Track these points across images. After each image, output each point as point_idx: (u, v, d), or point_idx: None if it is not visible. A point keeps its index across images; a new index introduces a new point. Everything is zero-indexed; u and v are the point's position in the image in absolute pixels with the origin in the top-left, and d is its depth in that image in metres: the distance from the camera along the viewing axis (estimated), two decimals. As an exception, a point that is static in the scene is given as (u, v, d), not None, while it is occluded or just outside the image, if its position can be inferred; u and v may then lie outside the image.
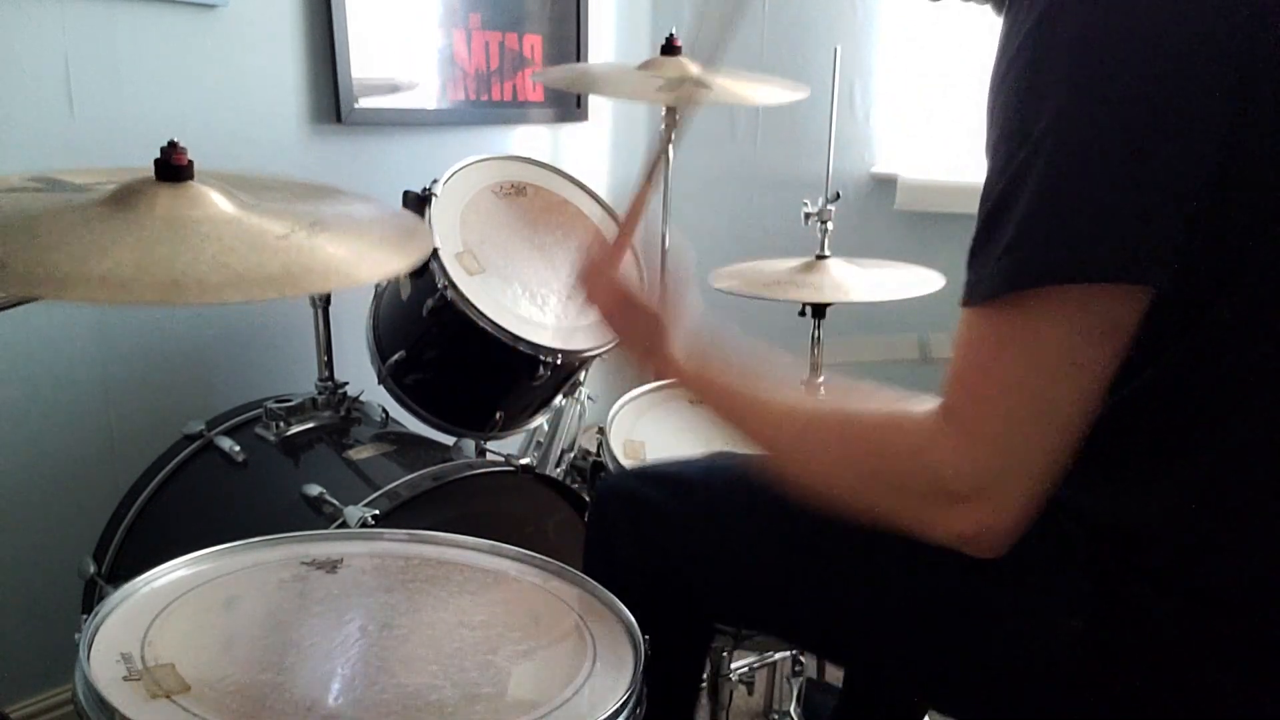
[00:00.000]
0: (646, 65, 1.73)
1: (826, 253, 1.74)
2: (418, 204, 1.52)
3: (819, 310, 1.76)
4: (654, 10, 2.53)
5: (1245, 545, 0.71)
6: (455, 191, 1.58)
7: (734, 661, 1.44)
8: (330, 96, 1.83)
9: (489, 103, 2.13)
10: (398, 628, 0.89)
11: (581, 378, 1.71)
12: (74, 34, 1.50)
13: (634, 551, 1.02)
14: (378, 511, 1.24)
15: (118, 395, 1.64)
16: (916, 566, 0.82)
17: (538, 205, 1.69)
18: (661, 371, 0.95)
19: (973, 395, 0.70)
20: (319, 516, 1.27)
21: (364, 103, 1.88)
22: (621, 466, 1.34)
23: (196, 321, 1.73)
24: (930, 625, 0.86)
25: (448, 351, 1.59)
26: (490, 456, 1.70)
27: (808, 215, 1.76)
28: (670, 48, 1.74)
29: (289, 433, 1.48)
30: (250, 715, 0.74)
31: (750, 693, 1.65)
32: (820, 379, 1.77)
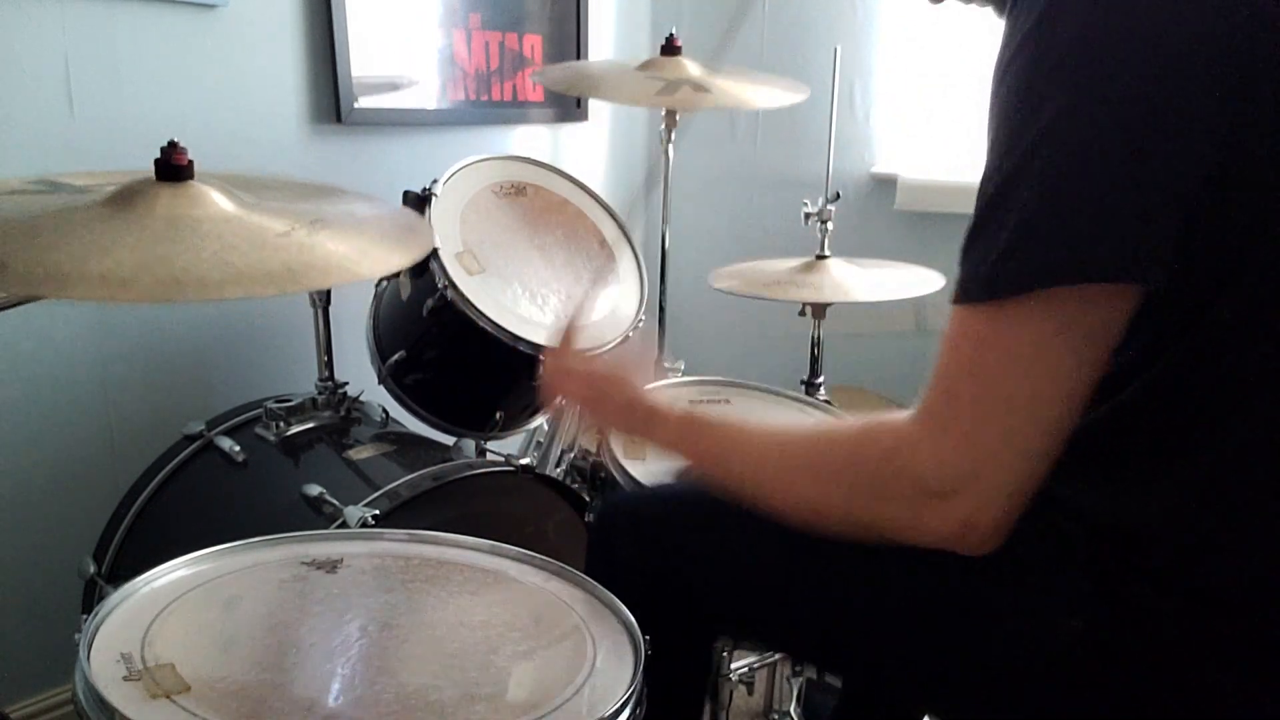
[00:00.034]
0: (646, 65, 1.73)
1: (826, 253, 1.74)
2: (418, 204, 1.52)
3: (819, 310, 1.76)
4: (654, 10, 2.53)
5: (1245, 545, 0.71)
6: (455, 191, 1.58)
7: (734, 661, 1.44)
8: (330, 96, 1.83)
9: (489, 103, 2.13)
10: (398, 628, 0.89)
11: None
12: (74, 34, 1.50)
13: (634, 552, 1.02)
14: (378, 511, 1.24)
15: (118, 395, 1.64)
16: (916, 566, 0.82)
17: (538, 205, 1.69)
18: (647, 422, 0.95)
19: (950, 393, 0.71)
20: (319, 516, 1.27)
21: (364, 102, 1.88)
22: (623, 467, 1.34)
23: (197, 321, 1.73)
24: (930, 626, 0.86)
25: (448, 351, 1.59)
26: (490, 456, 1.70)
27: (808, 215, 1.77)
28: (670, 48, 1.74)
29: (289, 433, 1.47)
30: (250, 715, 0.74)
31: (750, 693, 1.65)
32: (820, 379, 1.77)
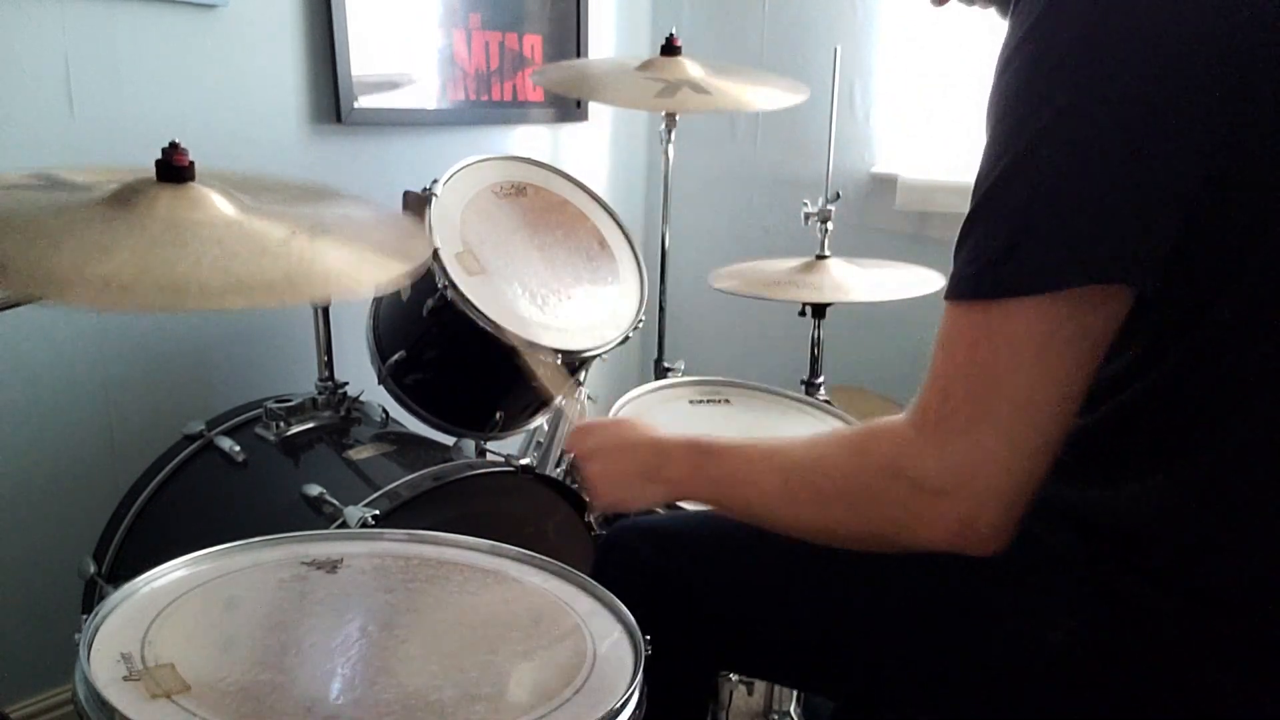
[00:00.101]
0: (646, 65, 1.73)
1: (826, 253, 1.74)
2: (418, 204, 1.52)
3: (819, 310, 1.76)
4: (654, 10, 2.53)
5: (1245, 545, 0.71)
6: (455, 191, 1.58)
7: (734, 661, 1.44)
8: (330, 96, 1.83)
9: (489, 103, 2.13)
10: (398, 628, 0.89)
11: (581, 378, 1.71)
12: (74, 34, 1.50)
13: (637, 554, 1.03)
14: (378, 511, 1.24)
15: (118, 395, 1.64)
16: (916, 567, 0.82)
17: (538, 205, 1.69)
18: (659, 455, 0.94)
19: (946, 393, 0.70)
20: (319, 516, 1.27)
21: (364, 102, 1.88)
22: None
23: (197, 321, 1.73)
24: (930, 626, 0.86)
25: (448, 351, 1.59)
26: (490, 456, 1.70)
27: (808, 215, 1.77)
28: (670, 48, 1.74)
29: (289, 433, 1.47)
30: (250, 715, 0.74)
31: (750, 693, 1.65)
32: (820, 379, 1.78)
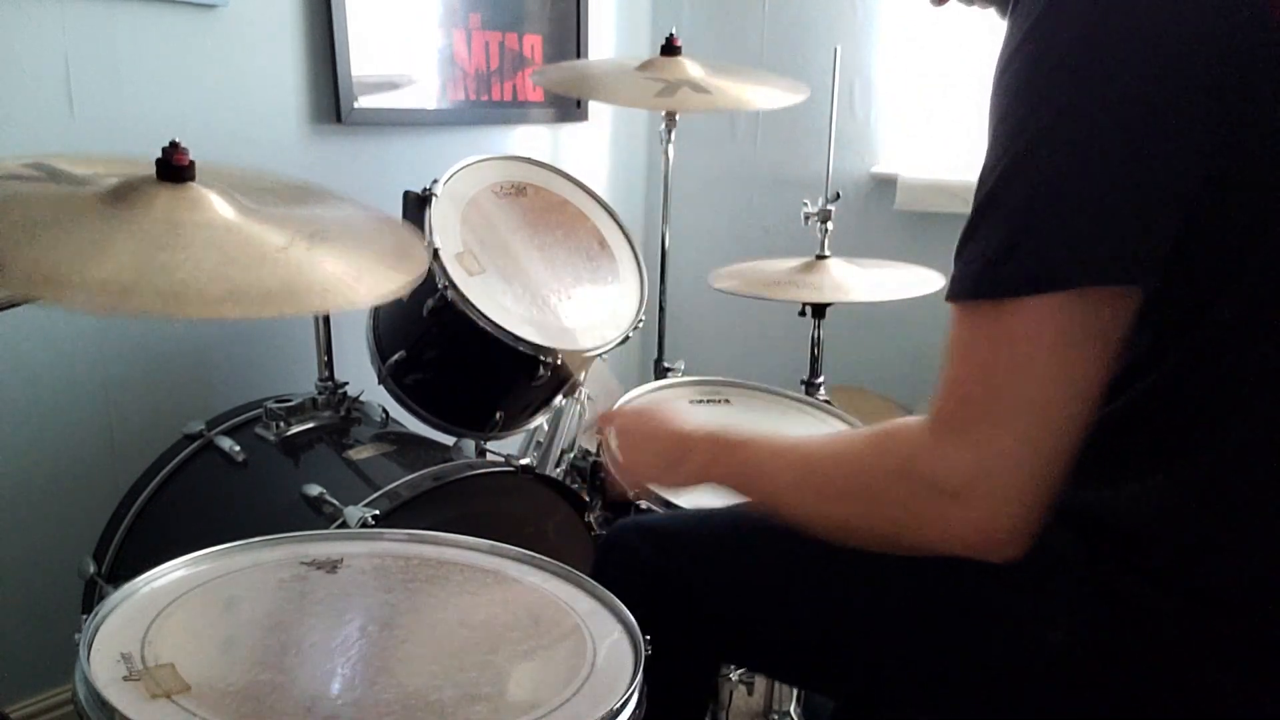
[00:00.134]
0: (646, 65, 1.73)
1: (826, 253, 1.74)
2: (418, 204, 1.52)
3: (819, 310, 1.76)
4: (654, 10, 2.53)
5: (1245, 545, 0.71)
6: (455, 191, 1.58)
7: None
8: (330, 96, 1.83)
9: (489, 103, 2.13)
10: (398, 628, 0.89)
11: (581, 378, 1.71)
12: (74, 34, 1.50)
13: (638, 554, 1.02)
14: (378, 511, 1.24)
15: (118, 395, 1.64)
16: (917, 567, 0.82)
17: (538, 205, 1.69)
18: (682, 446, 0.95)
19: (962, 396, 0.70)
20: (319, 516, 1.27)
21: (364, 102, 1.88)
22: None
23: (197, 321, 1.73)
24: (930, 627, 0.86)
25: (448, 351, 1.59)
26: (490, 457, 1.70)
27: (808, 215, 1.77)
28: (670, 48, 1.74)
29: (289, 433, 1.47)
30: (250, 715, 0.74)
31: (750, 693, 1.65)
32: (820, 379, 1.78)
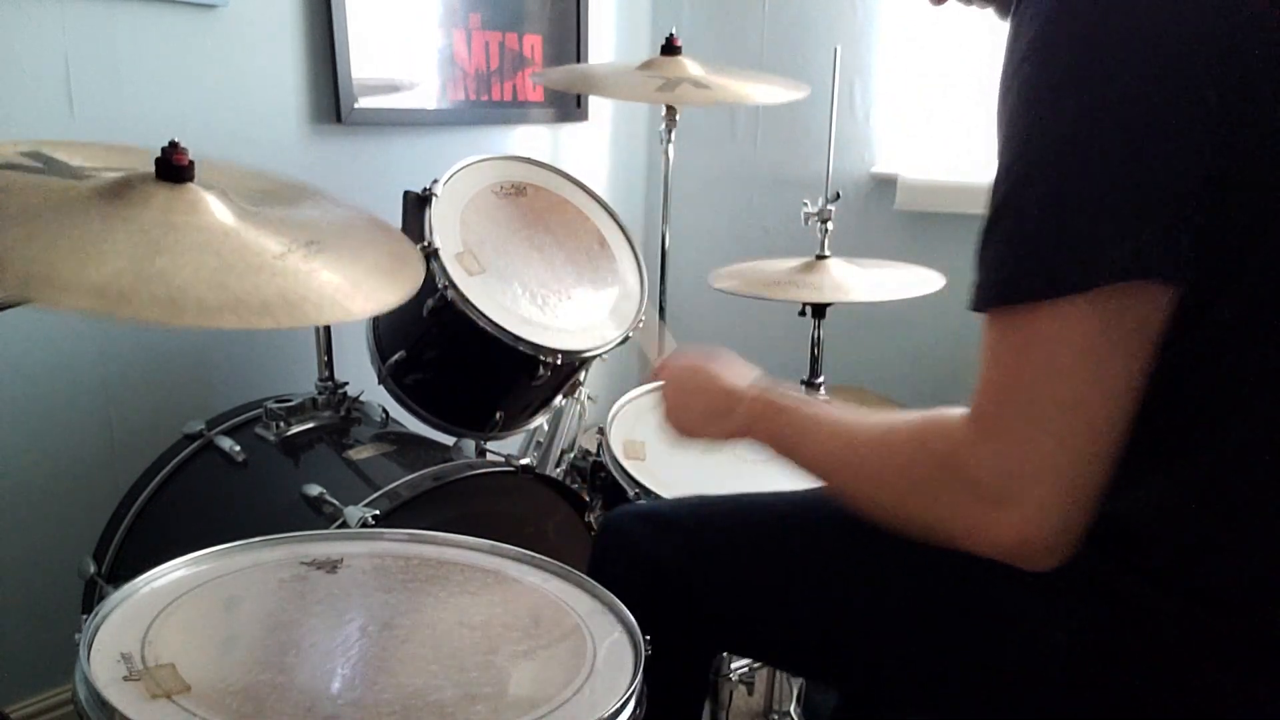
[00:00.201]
0: (646, 65, 1.73)
1: (826, 253, 1.74)
2: (418, 204, 1.52)
3: (819, 310, 1.76)
4: (654, 10, 2.53)
5: (1245, 545, 0.71)
6: (455, 191, 1.58)
7: (734, 661, 1.44)
8: (330, 96, 1.83)
9: (489, 103, 2.13)
10: (398, 628, 0.89)
11: (581, 378, 1.71)
12: (74, 34, 1.50)
13: (637, 553, 1.02)
14: (378, 511, 1.24)
15: (118, 395, 1.64)
16: (917, 566, 0.82)
17: (538, 205, 1.68)
18: (731, 400, 0.95)
19: (999, 400, 0.69)
20: (319, 516, 1.27)
21: (364, 103, 1.88)
22: (623, 468, 1.34)
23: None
24: (930, 626, 0.86)
25: (448, 352, 1.59)
26: (490, 456, 1.70)
27: (808, 215, 1.77)
28: (670, 48, 1.74)
29: (289, 433, 1.47)
30: (250, 715, 0.74)
31: (750, 693, 1.64)
32: (820, 379, 1.78)
